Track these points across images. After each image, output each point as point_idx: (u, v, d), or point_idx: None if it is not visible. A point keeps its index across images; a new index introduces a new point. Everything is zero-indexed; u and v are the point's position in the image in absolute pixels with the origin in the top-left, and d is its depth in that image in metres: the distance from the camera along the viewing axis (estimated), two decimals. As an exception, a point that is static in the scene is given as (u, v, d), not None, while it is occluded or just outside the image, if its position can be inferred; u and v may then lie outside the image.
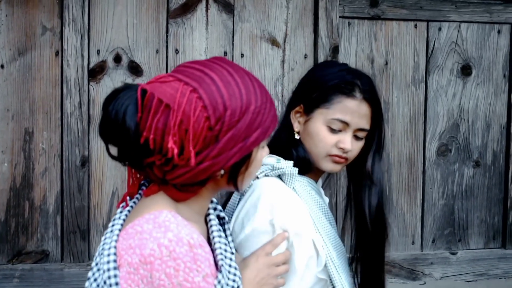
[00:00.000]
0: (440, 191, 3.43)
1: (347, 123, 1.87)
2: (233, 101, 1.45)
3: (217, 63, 1.51)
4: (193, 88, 1.44)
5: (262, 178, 1.85)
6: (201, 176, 1.47)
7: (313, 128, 1.89)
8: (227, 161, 1.46)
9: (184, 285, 1.38)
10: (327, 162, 1.92)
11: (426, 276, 3.42)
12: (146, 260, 1.39)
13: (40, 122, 2.98)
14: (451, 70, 3.40)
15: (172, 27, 3.08)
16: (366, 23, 3.28)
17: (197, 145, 1.43)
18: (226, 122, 1.44)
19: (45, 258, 3.02)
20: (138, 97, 1.43)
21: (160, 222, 1.43)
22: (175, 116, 1.42)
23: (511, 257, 3.52)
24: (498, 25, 3.44)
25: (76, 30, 2.96)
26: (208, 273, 1.42)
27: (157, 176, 1.49)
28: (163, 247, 1.39)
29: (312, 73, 1.99)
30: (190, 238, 1.41)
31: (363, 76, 1.92)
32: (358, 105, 1.87)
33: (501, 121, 3.48)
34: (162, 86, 1.45)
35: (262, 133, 1.49)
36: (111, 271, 1.44)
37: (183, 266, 1.38)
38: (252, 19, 3.16)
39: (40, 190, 3.00)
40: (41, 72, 2.97)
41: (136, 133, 1.43)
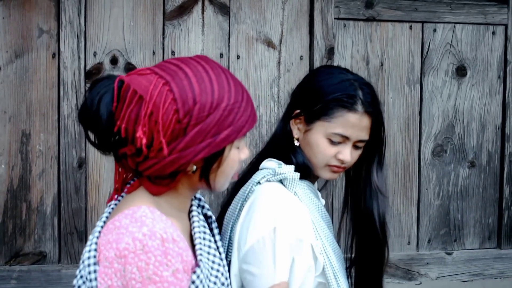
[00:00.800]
0: (435, 192, 3.45)
1: (347, 137, 1.87)
2: (203, 96, 1.48)
3: (196, 59, 1.55)
4: (166, 81, 1.48)
5: (264, 183, 1.86)
6: (169, 168, 1.50)
7: (313, 139, 1.89)
8: (195, 155, 1.49)
9: (153, 279, 1.40)
10: (326, 171, 1.93)
11: (422, 276, 3.44)
12: (121, 254, 1.41)
13: (37, 124, 2.99)
14: (446, 71, 3.41)
15: (168, 29, 3.09)
16: (361, 24, 3.30)
17: (165, 137, 1.46)
18: (194, 116, 1.47)
19: (43, 260, 3.03)
20: (115, 87, 1.49)
21: (137, 217, 1.46)
22: (146, 107, 1.46)
23: (506, 257, 3.53)
24: (493, 26, 3.46)
25: (72, 32, 2.97)
26: (179, 268, 1.44)
27: (131, 167, 1.53)
28: (137, 240, 1.41)
29: (313, 81, 1.96)
30: (164, 233, 1.44)
31: (364, 86, 1.91)
32: (360, 118, 1.87)
33: (496, 121, 3.50)
34: (139, 78, 1.50)
35: (235, 131, 1.52)
36: (91, 266, 1.49)
37: (154, 260, 1.41)
38: (248, 21, 3.17)
39: (37, 191, 3.01)
40: (38, 74, 2.98)
41: (109, 121, 1.48)
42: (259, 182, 1.86)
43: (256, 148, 3.18)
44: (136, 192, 1.57)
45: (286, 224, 1.78)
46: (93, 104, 1.48)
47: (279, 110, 3.20)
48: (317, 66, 3.18)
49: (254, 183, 1.86)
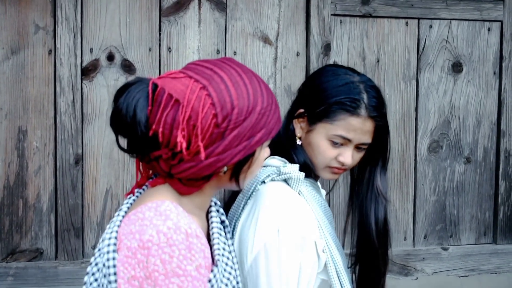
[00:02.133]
0: (431, 187, 3.46)
1: (349, 140, 1.87)
2: (240, 100, 1.49)
3: (227, 63, 1.56)
4: (203, 86, 1.48)
5: (269, 183, 1.86)
6: (206, 171, 1.51)
7: (314, 140, 1.90)
8: (232, 158, 1.51)
9: (177, 272, 1.41)
10: (326, 172, 1.94)
11: (418, 271, 3.45)
12: (144, 245, 1.42)
13: (33, 120, 2.98)
14: (442, 67, 3.42)
15: (165, 25, 3.09)
16: (358, 20, 3.30)
17: (203, 141, 1.47)
18: (233, 120, 1.49)
19: (39, 256, 3.02)
20: (149, 91, 1.49)
21: (161, 210, 1.47)
22: (184, 111, 1.46)
23: (502, 252, 3.55)
24: (488, 22, 3.46)
25: (69, 29, 2.97)
26: (202, 264, 1.45)
27: (163, 170, 1.53)
28: (162, 233, 1.42)
29: (318, 81, 1.95)
30: (188, 228, 1.45)
31: (370, 89, 1.89)
32: (363, 122, 1.86)
33: (492, 117, 3.51)
34: (173, 82, 1.50)
35: (266, 133, 1.54)
36: (110, 253, 1.49)
37: (178, 253, 1.41)
38: (245, 17, 3.17)
39: (34, 188, 3.00)
40: (34, 71, 2.97)
41: (146, 126, 1.48)
42: (264, 181, 1.86)
43: (253, 144, 3.18)
44: (161, 186, 1.58)
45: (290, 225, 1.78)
46: (129, 109, 1.48)
47: (276, 106, 3.20)
48: (313, 62, 3.19)
49: (258, 182, 1.86)
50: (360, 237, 2.02)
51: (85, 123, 3.02)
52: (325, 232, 1.87)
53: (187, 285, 1.41)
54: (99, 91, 3.03)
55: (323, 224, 1.88)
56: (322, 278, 1.87)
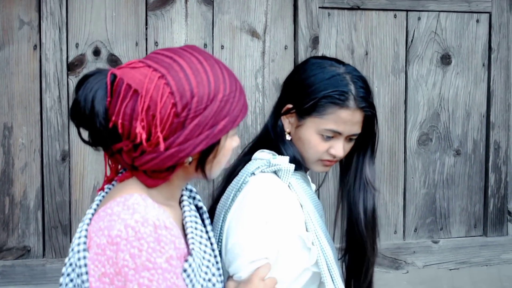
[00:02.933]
0: (421, 180, 3.45)
1: (340, 133, 1.85)
2: (200, 88, 1.46)
3: (188, 51, 1.52)
4: (162, 75, 1.45)
5: (258, 174, 1.85)
6: (168, 162, 1.48)
7: (305, 135, 1.88)
8: (194, 148, 1.48)
9: (146, 266, 1.39)
10: (318, 165, 1.92)
11: (409, 265, 3.44)
12: (113, 241, 1.40)
13: (19, 117, 2.95)
14: (431, 59, 3.41)
15: (151, 20, 3.06)
16: (346, 13, 3.28)
17: (164, 131, 1.44)
18: (193, 109, 1.45)
19: (27, 254, 2.99)
20: (108, 82, 1.46)
21: (129, 204, 1.45)
22: (142, 101, 1.44)
23: (492, 244, 3.54)
24: (477, 14, 3.45)
25: (54, 24, 2.93)
26: (173, 255, 1.43)
27: (126, 162, 1.51)
28: (129, 228, 1.40)
29: (304, 75, 1.92)
30: (156, 219, 1.43)
31: (357, 80, 1.87)
32: (352, 114, 1.84)
33: (481, 109, 3.50)
34: (132, 72, 1.47)
35: (230, 121, 1.51)
36: (80, 252, 1.47)
37: (146, 247, 1.39)
38: (232, 11, 3.14)
39: (20, 185, 2.97)
40: (19, 67, 2.94)
41: (105, 117, 1.45)
42: (254, 173, 1.85)
43: (241, 138, 3.16)
44: (129, 180, 1.55)
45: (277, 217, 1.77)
46: (87, 101, 1.44)
47: (264, 100, 3.18)
48: (301, 56, 3.17)
49: (248, 174, 1.85)
50: (349, 227, 2.01)
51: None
52: (315, 225, 1.85)
53: (158, 278, 1.39)
54: (86, 86, 2.99)
55: (313, 217, 1.87)
56: (313, 271, 1.86)
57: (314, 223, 1.86)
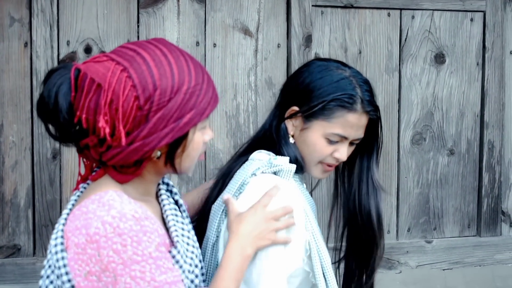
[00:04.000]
0: (415, 180, 3.43)
1: (346, 137, 1.84)
2: (163, 80, 1.45)
3: (154, 43, 1.51)
4: (124, 68, 1.44)
5: (259, 175, 1.83)
6: (134, 156, 1.47)
7: (311, 138, 1.86)
8: (159, 141, 1.46)
9: (135, 259, 1.38)
10: (317, 169, 1.90)
11: (402, 265, 3.43)
12: (92, 239, 1.39)
13: (9, 114, 2.93)
14: (425, 58, 3.39)
15: (143, 17, 3.04)
16: (339, 11, 3.26)
17: (127, 125, 1.43)
18: (156, 102, 1.44)
19: (17, 253, 2.97)
20: (72, 77, 1.44)
21: (104, 201, 1.44)
22: (105, 95, 1.42)
23: (486, 245, 3.53)
24: (471, 13, 3.44)
25: (45, 21, 2.92)
26: (160, 242, 1.43)
27: (94, 158, 1.50)
28: (107, 224, 1.39)
29: (310, 77, 1.89)
30: (135, 212, 1.42)
31: (363, 84, 1.87)
32: (359, 118, 1.83)
33: (475, 109, 3.49)
34: (95, 66, 1.46)
35: (197, 114, 1.49)
36: (58, 253, 1.46)
37: (130, 241, 1.38)
38: (224, 9, 3.13)
39: (10, 183, 2.95)
40: (9, 64, 2.92)
41: (69, 112, 1.44)
42: (255, 173, 1.83)
43: (234, 137, 3.14)
44: (102, 179, 1.54)
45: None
46: (50, 96, 1.43)
47: (257, 98, 3.16)
48: (294, 54, 3.16)
49: (249, 175, 1.83)
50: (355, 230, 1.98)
51: (63, 117, 2.96)
52: (312, 226, 1.84)
53: (150, 268, 1.39)
54: (77, 84, 2.97)
55: (311, 218, 1.85)
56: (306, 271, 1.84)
57: (312, 224, 1.84)
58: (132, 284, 1.38)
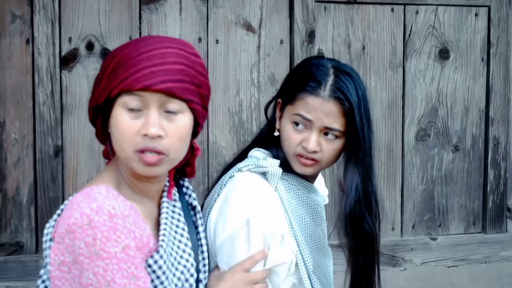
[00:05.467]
0: (419, 177, 3.41)
1: (310, 120, 1.77)
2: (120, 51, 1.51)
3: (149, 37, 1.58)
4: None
5: (245, 172, 1.82)
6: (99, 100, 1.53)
7: (283, 126, 1.83)
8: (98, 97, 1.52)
9: (101, 255, 1.37)
10: (295, 163, 1.82)
11: (407, 262, 3.41)
12: (70, 229, 1.38)
13: (11, 111, 2.93)
14: (429, 54, 3.37)
15: (145, 14, 3.03)
16: (342, 7, 3.24)
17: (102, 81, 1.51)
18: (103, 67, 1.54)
19: (20, 250, 2.97)
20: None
21: (91, 194, 1.43)
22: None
23: (491, 241, 3.50)
24: (475, 8, 3.41)
25: (46, 18, 2.91)
26: (130, 245, 1.40)
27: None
28: (85, 216, 1.38)
29: (292, 70, 1.95)
30: (112, 208, 1.40)
31: (340, 74, 1.79)
32: (322, 102, 1.75)
33: (480, 105, 3.46)
34: None
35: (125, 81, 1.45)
36: (47, 242, 1.46)
37: (100, 236, 1.37)
38: (227, 5, 3.11)
39: (13, 181, 2.95)
40: (11, 61, 2.92)
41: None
42: (241, 169, 1.82)
43: (236, 134, 3.13)
44: (103, 172, 1.55)
45: (259, 215, 1.73)
46: None
47: (259, 95, 3.15)
48: (297, 50, 3.15)
49: (235, 169, 1.82)
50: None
51: (65, 114, 2.96)
52: (297, 233, 1.80)
53: (112, 268, 1.37)
54: (79, 81, 2.97)
55: (297, 224, 1.81)
56: (292, 281, 1.82)
57: (296, 230, 1.81)
58: (93, 281, 1.36)
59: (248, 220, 1.72)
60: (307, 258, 1.80)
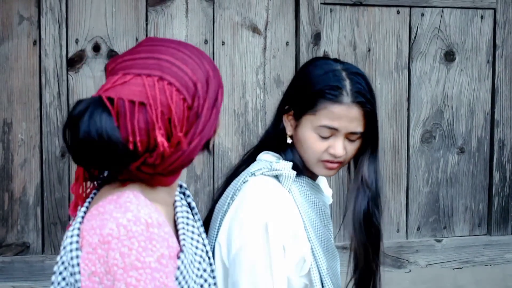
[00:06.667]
0: (424, 179, 3.41)
1: (336, 129, 1.79)
2: (196, 73, 1.47)
3: (155, 43, 1.50)
4: (159, 77, 1.42)
5: (258, 176, 1.82)
6: (194, 154, 1.49)
7: (302, 135, 1.83)
8: (211, 129, 1.50)
9: (135, 265, 1.36)
10: (320, 167, 1.85)
11: (412, 264, 3.41)
12: (104, 240, 1.38)
13: (18, 112, 2.94)
14: (435, 56, 3.37)
15: (152, 15, 3.04)
16: (348, 9, 3.25)
17: (183, 128, 1.43)
18: (201, 95, 1.46)
19: (26, 250, 2.98)
20: (110, 108, 1.40)
21: (121, 202, 1.42)
22: (154, 110, 1.40)
23: (496, 244, 3.50)
24: (481, 10, 3.41)
25: (53, 19, 2.92)
26: (164, 254, 1.40)
27: (147, 173, 1.46)
28: (121, 226, 1.37)
29: (301, 74, 1.90)
30: (148, 218, 1.40)
31: (354, 76, 1.82)
32: (347, 109, 1.78)
33: (485, 107, 3.46)
34: (125, 87, 1.41)
35: (222, 91, 1.54)
36: (73, 252, 1.44)
37: (137, 245, 1.37)
38: (233, 6, 3.12)
39: (19, 181, 2.96)
40: (18, 62, 2.93)
41: (124, 143, 1.39)
42: (254, 173, 1.82)
43: (242, 135, 3.14)
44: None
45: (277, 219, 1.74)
46: (102, 136, 1.37)
47: (265, 97, 3.16)
48: (303, 52, 3.15)
49: (248, 173, 1.83)
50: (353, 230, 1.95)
51: (71, 115, 2.96)
52: (311, 235, 1.81)
53: (146, 278, 1.36)
54: (85, 82, 2.98)
55: (310, 226, 1.83)
56: (305, 282, 1.82)
57: (310, 232, 1.82)
58: None
59: (266, 224, 1.72)
60: (320, 260, 1.81)
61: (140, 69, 1.43)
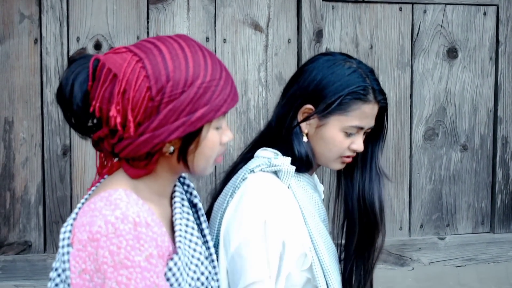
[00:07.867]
0: (427, 176, 3.40)
1: (362, 128, 1.86)
2: (177, 72, 1.44)
3: (173, 38, 1.51)
4: (139, 58, 1.45)
5: (257, 172, 1.82)
6: (143, 148, 1.46)
7: (328, 134, 1.85)
8: (169, 134, 1.44)
9: (125, 264, 1.36)
10: (337, 163, 1.91)
11: (415, 261, 3.40)
12: (93, 237, 1.38)
13: (20, 111, 2.93)
14: (437, 53, 3.36)
15: (153, 13, 3.03)
16: (350, 6, 3.24)
17: (138, 116, 1.43)
18: (167, 93, 1.43)
19: (28, 249, 2.98)
20: (90, 66, 1.45)
21: (112, 200, 1.42)
22: (119, 85, 1.43)
23: (499, 241, 3.49)
24: (484, 7, 3.40)
25: (54, 17, 2.91)
26: (153, 253, 1.40)
27: (107, 150, 1.49)
28: (110, 224, 1.38)
29: (319, 74, 1.87)
30: (136, 216, 1.40)
31: (369, 73, 1.88)
32: (372, 107, 1.86)
33: (488, 104, 3.45)
34: (114, 57, 1.47)
35: (212, 110, 1.47)
36: (65, 247, 1.45)
37: (125, 244, 1.37)
38: (234, 4, 3.11)
39: (21, 180, 2.95)
40: (20, 61, 2.92)
41: (84, 101, 1.45)
42: (253, 170, 1.82)
43: (244, 133, 3.13)
44: (116, 174, 1.54)
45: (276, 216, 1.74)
46: (67, 84, 1.45)
47: (267, 94, 3.15)
48: (305, 49, 3.13)
49: (247, 171, 1.83)
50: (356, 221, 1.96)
51: (73, 113, 2.96)
52: (312, 230, 1.82)
53: (136, 277, 1.37)
54: (87, 80, 2.97)
55: (311, 221, 1.83)
56: (307, 277, 1.82)
57: (311, 227, 1.82)
58: None
59: (265, 221, 1.72)
60: (322, 254, 1.81)
61: (136, 48, 1.48)
